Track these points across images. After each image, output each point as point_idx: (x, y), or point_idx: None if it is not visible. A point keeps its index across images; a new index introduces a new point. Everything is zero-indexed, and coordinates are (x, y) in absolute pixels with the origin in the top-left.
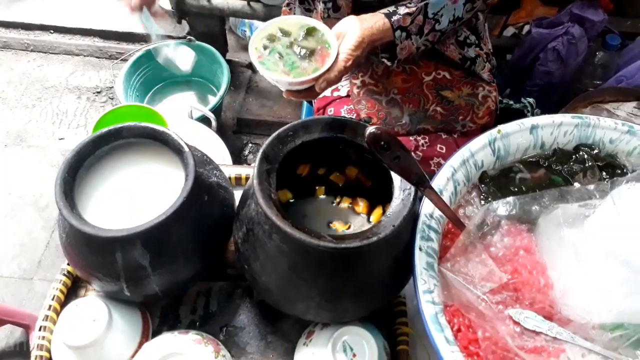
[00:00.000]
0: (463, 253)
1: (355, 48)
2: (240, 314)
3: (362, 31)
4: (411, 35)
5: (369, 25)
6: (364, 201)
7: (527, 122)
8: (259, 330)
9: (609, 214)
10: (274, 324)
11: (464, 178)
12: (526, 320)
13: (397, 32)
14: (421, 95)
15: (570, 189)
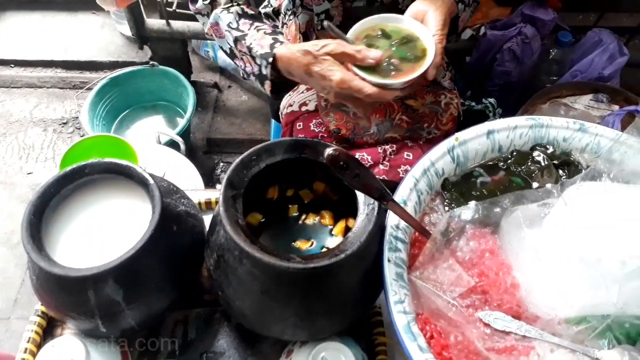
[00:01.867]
0: (431, 260)
1: (442, 27)
2: (219, 339)
3: (441, 8)
4: (465, 6)
5: (442, 2)
6: (329, 214)
7: (484, 128)
8: (239, 354)
9: (562, 214)
10: (253, 346)
11: (427, 187)
12: (495, 321)
13: (459, 5)
14: (387, 105)
15: (528, 190)
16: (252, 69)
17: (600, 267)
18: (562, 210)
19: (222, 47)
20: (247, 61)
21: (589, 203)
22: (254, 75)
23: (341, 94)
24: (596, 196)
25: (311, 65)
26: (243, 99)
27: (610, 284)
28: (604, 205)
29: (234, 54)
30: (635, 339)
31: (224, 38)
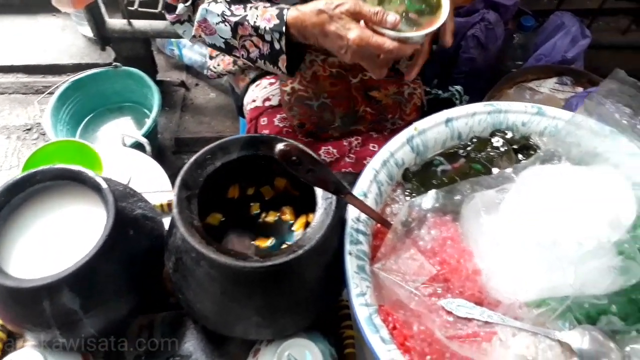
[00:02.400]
0: (393, 251)
1: None
2: (186, 342)
3: None
4: None
5: None
6: (289, 210)
7: (442, 116)
8: (206, 356)
9: (516, 199)
10: (220, 347)
11: (387, 178)
12: (458, 308)
13: None
14: (350, 98)
15: (484, 176)
16: (262, 50)
17: (557, 249)
18: (516, 195)
19: (214, 44)
20: (252, 45)
21: (542, 186)
22: (263, 57)
23: (359, 52)
24: (549, 179)
25: (326, 25)
26: (211, 97)
27: (567, 266)
28: (557, 188)
29: (232, 46)
30: (595, 319)
31: (214, 34)
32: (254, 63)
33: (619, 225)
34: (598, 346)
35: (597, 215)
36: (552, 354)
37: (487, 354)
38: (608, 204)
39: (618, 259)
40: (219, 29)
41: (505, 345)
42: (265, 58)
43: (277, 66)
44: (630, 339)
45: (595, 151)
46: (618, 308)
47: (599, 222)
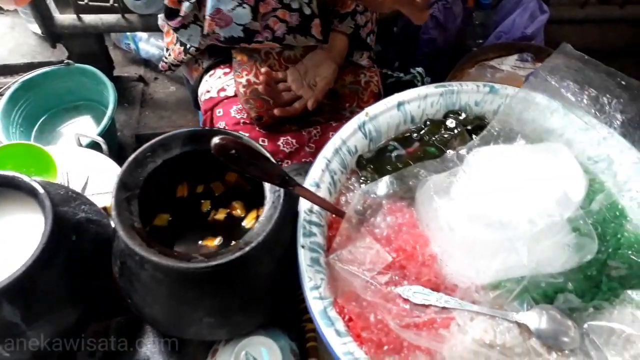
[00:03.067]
0: (348, 241)
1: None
2: (142, 346)
3: None
4: None
5: None
6: (239, 204)
7: (393, 100)
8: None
9: (465, 180)
10: (179, 350)
11: (340, 166)
12: (415, 295)
13: None
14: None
15: (433, 160)
16: (290, 22)
17: (509, 230)
18: (465, 177)
19: (231, 37)
20: (276, 21)
21: (490, 167)
22: (292, 30)
23: None
24: (496, 159)
25: None
26: (171, 90)
27: (520, 246)
28: (506, 168)
29: (252, 32)
30: (553, 297)
31: (231, 23)
32: (282, 42)
33: (569, 202)
34: (556, 325)
35: (548, 193)
36: (511, 336)
37: (446, 340)
38: (557, 181)
39: (572, 236)
40: (236, 15)
41: (463, 331)
42: (294, 31)
43: (309, 35)
44: (588, 316)
45: (550, 127)
46: (574, 285)
47: (550, 200)
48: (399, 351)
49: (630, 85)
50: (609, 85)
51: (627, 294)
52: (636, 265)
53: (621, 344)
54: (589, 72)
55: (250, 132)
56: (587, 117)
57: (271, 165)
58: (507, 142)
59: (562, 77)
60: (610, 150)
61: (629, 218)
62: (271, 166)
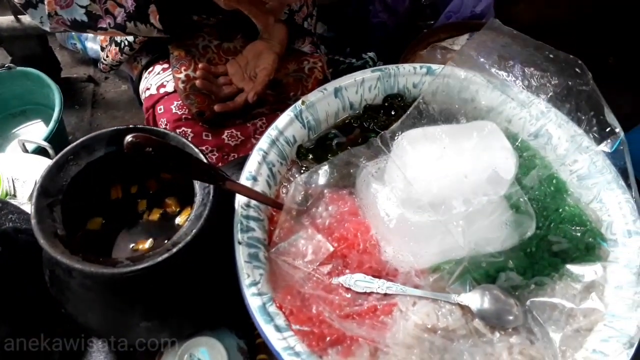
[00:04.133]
0: (289, 233)
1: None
2: (89, 354)
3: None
4: None
5: None
6: (173, 201)
7: (330, 87)
8: None
9: (393, 165)
10: (127, 356)
11: (279, 157)
12: (357, 283)
13: None
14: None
15: (360, 147)
16: (127, 7)
17: (442, 212)
18: (397, 160)
19: (76, 20)
20: (114, 5)
21: (417, 149)
22: (131, 17)
23: None
24: (422, 141)
25: None
26: (123, 89)
27: (453, 228)
28: (433, 149)
29: (95, 16)
30: (495, 276)
31: (72, 4)
32: (125, 31)
33: (501, 180)
34: (499, 304)
35: (479, 173)
36: (453, 318)
37: (389, 327)
38: (488, 160)
39: (509, 214)
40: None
41: (405, 316)
42: (133, 18)
43: (149, 24)
44: (530, 293)
45: (490, 105)
46: (515, 263)
47: (483, 179)
48: (342, 341)
49: (558, 58)
50: (536, 59)
51: (566, 269)
52: (576, 238)
53: (564, 319)
54: (516, 47)
55: (192, 127)
56: (525, 93)
57: (197, 161)
58: (444, 122)
59: (489, 53)
60: (549, 125)
61: (570, 192)
62: (197, 162)
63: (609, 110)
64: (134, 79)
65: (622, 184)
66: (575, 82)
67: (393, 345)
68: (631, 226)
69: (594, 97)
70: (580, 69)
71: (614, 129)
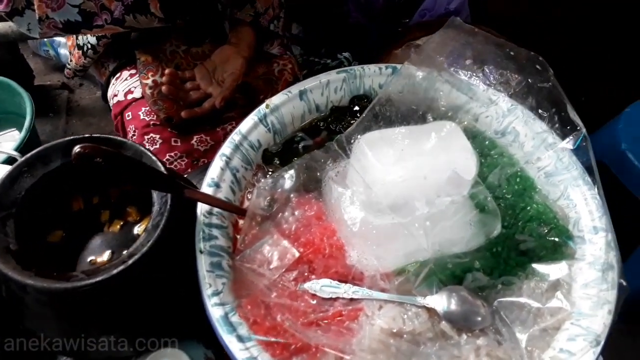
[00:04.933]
0: (254, 239)
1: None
2: None
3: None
4: None
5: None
6: (133, 209)
7: (295, 89)
8: None
9: (353, 168)
10: None
11: (243, 163)
12: (322, 289)
13: None
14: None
15: (317, 151)
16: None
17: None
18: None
19: (69, 22)
20: (110, 0)
21: (377, 151)
22: (129, 9)
23: None
24: (383, 143)
25: None
26: (98, 95)
27: (414, 231)
28: (394, 150)
29: (89, 13)
30: (461, 277)
31: (64, 5)
32: (123, 25)
33: (461, 181)
34: (465, 306)
35: (440, 174)
36: (419, 322)
37: (355, 332)
38: (448, 161)
39: (473, 214)
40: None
41: (371, 321)
42: (132, 9)
43: (149, 14)
44: (497, 293)
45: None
46: (482, 263)
47: (443, 180)
48: (307, 349)
49: (520, 55)
50: (497, 57)
51: (533, 268)
52: (543, 236)
53: (531, 319)
54: (477, 45)
55: (161, 133)
56: (491, 90)
57: (151, 170)
58: (403, 123)
59: (448, 52)
60: (516, 123)
61: (538, 189)
62: (151, 171)
63: (571, 107)
64: (102, 85)
65: (588, 179)
66: (536, 79)
67: (359, 351)
68: (597, 222)
69: (555, 93)
70: (541, 66)
71: (576, 125)
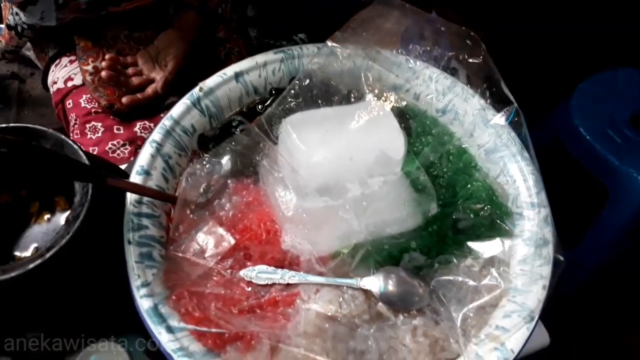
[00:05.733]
0: (190, 228)
1: None
2: None
3: None
4: None
5: None
6: (62, 199)
7: (229, 71)
8: None
9: (289, 149)
10: None
11: (176, 149)
12: (258, 276)
13: None
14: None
15: (243, 132)
16: None
17: (335, 196)
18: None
19: None
20: None
21: (300, 135)
22: None
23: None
24: (309, 124)
25: None
26: None
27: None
28: (314, 133)
29: None
30: (399, 258)
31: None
32: None
33: (390, 161)
34: (403, 286)
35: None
36: (356, 304)
37: (291, 318)
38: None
39: (407, 193)
40: None
41: (307, 305)
42: None
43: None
44: (435, 272)
45: (396, 83)
46: (419, 243)
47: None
48: (242, 337)
49: (451, 30)
50: (427, 32)
51: (468, 245)
52: (481, 214)
53: (469, 297)
54: (406, 21)
55: (103, 121)
56: (430, 68)
57: (65, 159)
58: (326, 104)
59: (375, 29)
60: (456, 100)
61: (479, 166)
62: (65, 160)
63: (503, 82)
64: (42, 72)
65: (526, 155)
66: (465, 53)
67: (294, 337)
68: (535, 198)
69: (486, 69)
70: (472, 41)
71: (508, 100)
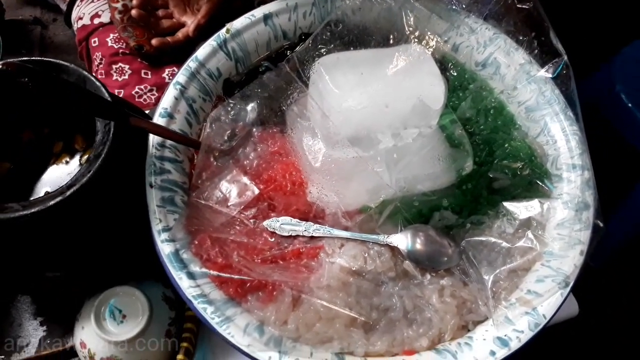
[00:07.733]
0: (213, 175)
1: None
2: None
3: None
4: None
5: None
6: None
7: (258, 13)
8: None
9: (309, 98)
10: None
11: (201, 93)
12: (282, 227)
13: None
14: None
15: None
16: None
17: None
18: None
19: None
20: None
21: (333, 78)
22: None
23: None
24: (339, 68)
25: None
26: None
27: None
28: (350, 77)
29: None
30: (428, 215)
31: None
32: None
33: (428, 111)
34: (431, 245)
35: (404, 102)
36: (382, 261)
37: (314, 270)
38: (413, 88)
39: (442, 148)
40: None
41: (331, 259)
42: None
43: None
44: (466, 232)
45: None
46: (451, 201)
47: (407, 109)
48: (264, 287)
49: None
50: None
51: (502, 206)
52: (518, 174)
53: (500, 259)
54: None
55: (130, 63)
56: (472, 18)
57: (90, 95)
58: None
59: None
60: (497, 53)
61: (518, 125)
62: (90, 96)
63: (552, 32)
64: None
65: (570, 114)
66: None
67: (316, 289)
68: (577, 160)
69: (536, 16)
70: None
71: (557, 51)
